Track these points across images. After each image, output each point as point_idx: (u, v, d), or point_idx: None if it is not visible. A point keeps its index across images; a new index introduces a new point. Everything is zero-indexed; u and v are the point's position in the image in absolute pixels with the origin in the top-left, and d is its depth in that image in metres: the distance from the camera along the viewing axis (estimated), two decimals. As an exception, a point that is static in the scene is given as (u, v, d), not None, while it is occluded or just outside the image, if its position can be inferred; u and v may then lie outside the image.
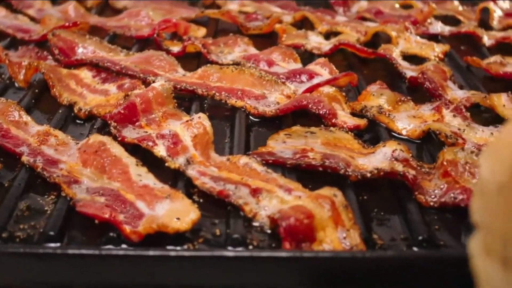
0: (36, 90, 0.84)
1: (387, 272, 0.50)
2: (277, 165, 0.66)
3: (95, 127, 0.74)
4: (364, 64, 0.98)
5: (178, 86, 0.81)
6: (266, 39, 1.04)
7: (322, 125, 0.74)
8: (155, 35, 0.98)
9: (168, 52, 0.93)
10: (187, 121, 0.69)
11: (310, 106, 0.75)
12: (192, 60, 0.94)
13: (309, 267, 0.50)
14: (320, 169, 0.64)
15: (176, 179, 0.63)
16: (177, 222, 0.54)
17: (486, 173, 0.30)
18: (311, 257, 0.51)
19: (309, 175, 0.65)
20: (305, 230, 0.54)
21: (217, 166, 0.65)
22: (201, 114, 0.70)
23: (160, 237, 0.54)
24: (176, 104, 0.76)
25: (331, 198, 0.57)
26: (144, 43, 1.00)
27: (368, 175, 0.63)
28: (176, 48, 0.95)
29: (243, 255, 0.51)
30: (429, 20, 1.16)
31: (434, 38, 1.09)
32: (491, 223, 0.28)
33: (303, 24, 1.13)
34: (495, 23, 1.18)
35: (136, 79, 0.83)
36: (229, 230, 0.56)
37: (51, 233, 0.55)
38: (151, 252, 0.49)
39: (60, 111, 0.78)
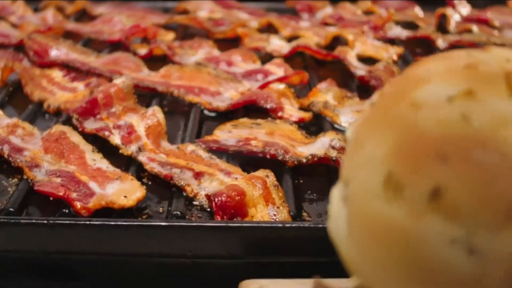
0: (11, 89, 0.91)
1: (301, 241, 0.56)
2: (222, 152, 0.73)
3: (60, 119, 0.81)
4: (321, 65, 1.05)
5: (141, 84, 0.88)
6: (231, 43, 1.11)
7: (269, 118, 0.81)
8: (123, 39, 1.05)
9: (135, 54, 1.00)
10: (142, 113, 0.76)
11: (258, 100, 0.82)
12: (158, 62, 1.01)
13: (227, 236, 0.56)
14: (260, 155, 0.71)
15: (128, 164, 0.70)
16: (124, 199, 0.61)
17: (348, 133, 0.37)
18: (221, 226, 0.57)
19: (251, 162, 0.71)
20: (236, 206, 0.60)
21: (166, 153, 0.71)
22: (155, 107, 0.77)
23: (108, 213, 0.61)
24: (137, 100, 0.83)
25: (263, 178, 0.64)
26: (115, 46, 1.07)
27: (304, 160, 0.70)
28: (143, 50, 1.02)
29: (159, 224, 0.57)
30: (388, 25, 1.23)
31: (392, 41, 1.17)
32: (342, 171, 0.35)
33: (269, 29, 1.20)
34: (452, 27, 1.25)
35: (103, 77, 0.90)
36: (170, 207, 0.63)
37: (11, 209, 0.61)
38: (93, 221, 0.56)
39: (30, 106, 0.85)
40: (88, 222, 0.56)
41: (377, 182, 0.30)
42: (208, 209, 0.63)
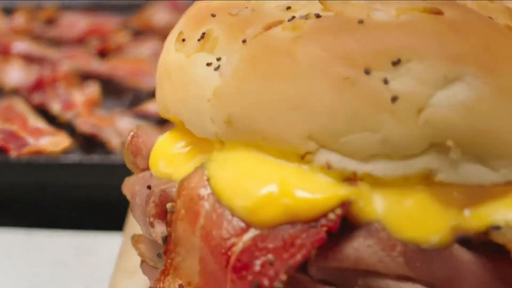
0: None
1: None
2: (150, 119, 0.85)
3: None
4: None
5: (87, 69, 1.01)
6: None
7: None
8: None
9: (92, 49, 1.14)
10: (81, 89, 0.89)
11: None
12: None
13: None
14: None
15: (65, 128, 0.83)
16: (52, 147, 0.73)
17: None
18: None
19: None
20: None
21: (97, 119, 0.84)
22: (93, 85, 0.90)
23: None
24: (82, 82, 0.96)
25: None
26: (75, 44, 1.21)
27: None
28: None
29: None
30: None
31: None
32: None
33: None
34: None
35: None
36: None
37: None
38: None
39: None
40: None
41: (174, 40, 0.43)
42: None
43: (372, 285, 0.37)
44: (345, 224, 0.37)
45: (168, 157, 0.43)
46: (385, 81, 0.36)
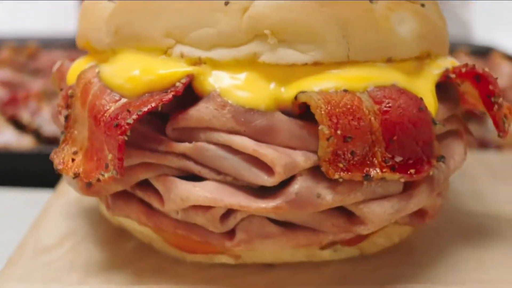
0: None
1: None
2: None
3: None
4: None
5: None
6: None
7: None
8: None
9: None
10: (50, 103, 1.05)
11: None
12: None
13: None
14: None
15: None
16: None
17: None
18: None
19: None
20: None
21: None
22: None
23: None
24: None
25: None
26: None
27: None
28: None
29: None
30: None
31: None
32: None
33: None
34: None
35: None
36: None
37: None
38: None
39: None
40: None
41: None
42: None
43: (211, 138, 0.49)
44: (193, 96, 0.50)
45: (79, 70, 0.57)
46: (220, -9, 0.50)
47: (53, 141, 0.94)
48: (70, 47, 1.49)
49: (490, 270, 0.56)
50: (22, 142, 0.92)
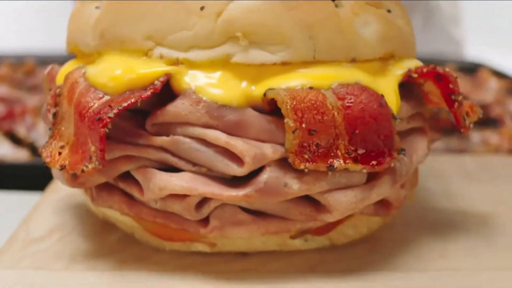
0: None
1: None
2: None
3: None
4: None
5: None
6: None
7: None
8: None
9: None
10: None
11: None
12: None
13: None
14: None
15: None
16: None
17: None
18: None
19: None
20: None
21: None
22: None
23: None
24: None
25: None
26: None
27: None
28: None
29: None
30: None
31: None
32: None
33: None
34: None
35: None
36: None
37: None
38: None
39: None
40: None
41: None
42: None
43: (186, 132, 0.52)
44: (171, 95, 0.53)
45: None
46: (197, -3, 0.54)
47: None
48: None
49: (452, 260, 0.59)
50: (18, 155, 0.96)
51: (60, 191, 0.73)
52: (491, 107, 1.19)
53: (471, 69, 1.47)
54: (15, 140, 1.04)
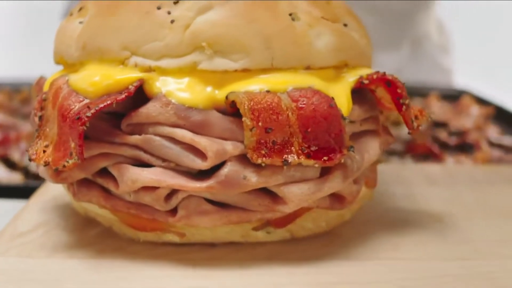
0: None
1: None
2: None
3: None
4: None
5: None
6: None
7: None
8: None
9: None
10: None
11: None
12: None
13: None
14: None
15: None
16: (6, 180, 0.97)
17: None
18: None
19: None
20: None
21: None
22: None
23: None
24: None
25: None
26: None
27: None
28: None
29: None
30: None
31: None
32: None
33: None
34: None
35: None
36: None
37: None
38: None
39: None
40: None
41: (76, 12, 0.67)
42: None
43: (157, 131, 0.58)
44: (144, 98, 0.60)
45: (53, 81, 0.67)
46: (168, 12, 0.60)
47: (39, 177, 1.03)
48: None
49: (404, 251, 0.64)
50: (12, 178, 1.01)
51: (46, 194, 0.79)
52: (469, 132, 1.23)
53: (455, 96, 1.53)
54: (10, 164, 1.09)
